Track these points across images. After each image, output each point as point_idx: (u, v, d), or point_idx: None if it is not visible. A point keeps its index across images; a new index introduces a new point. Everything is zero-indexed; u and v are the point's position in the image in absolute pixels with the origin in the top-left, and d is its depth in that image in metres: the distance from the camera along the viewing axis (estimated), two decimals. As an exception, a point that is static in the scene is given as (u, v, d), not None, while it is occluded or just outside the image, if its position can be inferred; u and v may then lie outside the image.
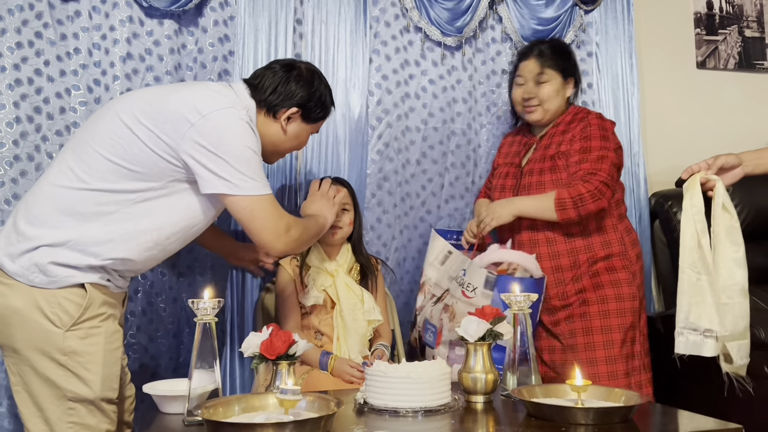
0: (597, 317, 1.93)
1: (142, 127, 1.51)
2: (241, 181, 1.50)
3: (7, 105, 1.88)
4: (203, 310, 1.32)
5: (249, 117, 1.59)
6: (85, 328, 1.48)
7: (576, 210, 1.89)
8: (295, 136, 1.72)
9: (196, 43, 2.09)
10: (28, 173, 1.90)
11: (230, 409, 1.24)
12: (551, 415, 1.28)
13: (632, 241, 2.05)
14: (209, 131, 1.49)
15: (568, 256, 1.97)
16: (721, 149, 2.74)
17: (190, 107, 1.51)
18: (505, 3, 2.40)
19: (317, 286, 1.92)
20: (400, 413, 1.32)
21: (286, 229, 1.56)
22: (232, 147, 1.50)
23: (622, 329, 1.93)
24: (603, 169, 1.92)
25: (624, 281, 1.96)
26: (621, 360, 1.91)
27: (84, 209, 1.49)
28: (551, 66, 2.06)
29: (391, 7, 2.30)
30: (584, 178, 1.91)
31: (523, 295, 1.53)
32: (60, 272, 1.47)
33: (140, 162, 1.50)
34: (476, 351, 1.47)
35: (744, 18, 2.92)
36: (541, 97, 2.05)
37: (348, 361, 1.80)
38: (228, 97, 1.59)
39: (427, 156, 2.34)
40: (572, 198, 1.89)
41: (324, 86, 1.75)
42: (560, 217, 1.91)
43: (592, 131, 1.98)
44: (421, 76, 2.33)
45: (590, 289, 1.95)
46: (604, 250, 1.97)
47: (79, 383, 1.46)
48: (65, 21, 1.96)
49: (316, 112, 1.72)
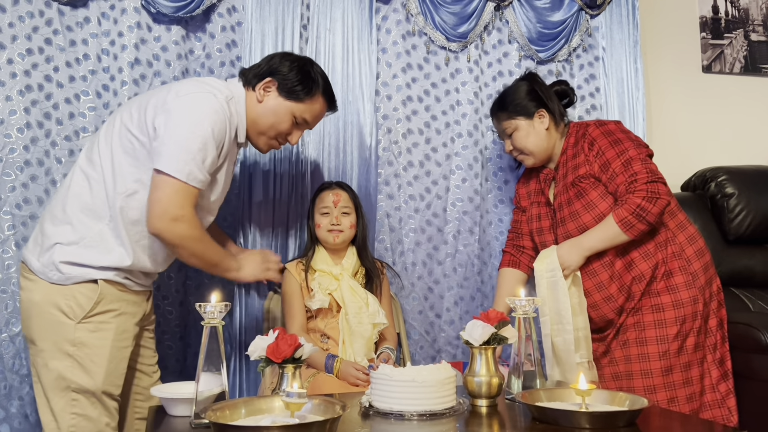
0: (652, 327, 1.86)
1: (134, 120, 1.60)
2: (177, 159, 1.53)
3: (18, 111, 1.91)
4: (210, 314, 1.33)
5: (228, 107, 1.62)
6: (95, 322, 1.58)
7: (643, 221, 1.81)
8: (272, 111, 1.71)
9: (203, 49, 2.11)
10: (38, 178, 1.92)
11: (236, 412, 1.25)
12: (556, 419, 1.28)
13: (687, 237, 1.93)
14: (176, 108, 1.56)
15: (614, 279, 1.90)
16: (726, 153, 2.76)
17: (173, 91, 1.59)
18: (512, 7, 2.41)
19: (322, 290, 1.93)
20: (405, 416, 1.33)
21: (174, 219, 1.55)
22: (185, 127, 1.55)
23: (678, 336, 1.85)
24: (637, 171, 1.83)
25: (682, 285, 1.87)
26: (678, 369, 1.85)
27: (96, 208, 1.59)
28: (508, 117, 2.03)
29: (395, 13, 2.32)
30: (629, 189, 1.83)
31: (526, 299, 1.53)
32: (73, 271, 1.57)
33: (138, 157, 1.58)
34: (481, 355, 1.47)
35: (750, 22, 2.92)
36: (518, 147, 2.04)
37: (353, 364, 1.81)
38: (213, 86, 1.63)
39: (431, 158, 2.34)
40: (632, 213, 1.81)
41: (313, 68, 1.74)
42: (632, 235, 1.83)
43: (600, 144, 1.91)
44: (424, 79, 2.34)
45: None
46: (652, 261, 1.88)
47: (83, 374, 1.55)
48: (74, 27, 1.98)
49: (294, 86, 1.70)
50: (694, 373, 1.85)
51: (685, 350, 1.85)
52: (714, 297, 1.93)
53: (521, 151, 2.04)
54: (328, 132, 2.20)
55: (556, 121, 2.03)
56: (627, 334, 1.89)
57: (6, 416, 1.87)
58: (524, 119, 2.01)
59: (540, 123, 2.01)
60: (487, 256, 2.36)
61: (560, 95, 2.09)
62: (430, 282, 2.31)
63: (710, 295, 1.92)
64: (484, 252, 2.36)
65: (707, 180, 2.55)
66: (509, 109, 2.03)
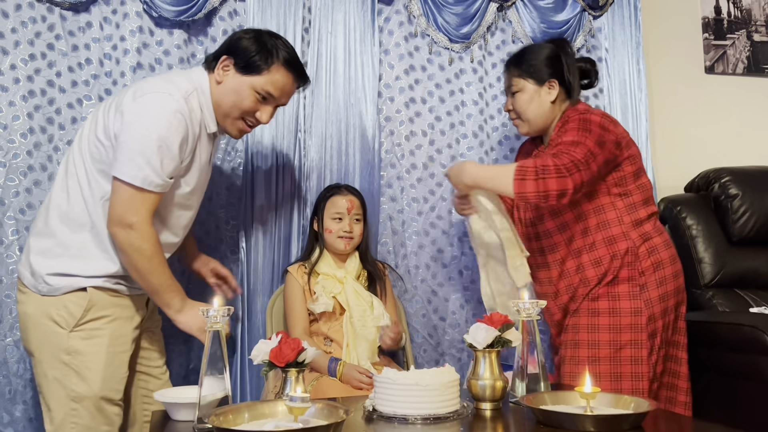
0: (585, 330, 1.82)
1: (99, 125, 1.59)
2: (130, 165, 1.51)
3: (21, 116, 1.91)
4: (213, 318, 1.33)
5: (187, 103, 1.58)
6: (88, 329, 1.57)
7: (536, 183, 1.66)
8: (232, 89, 1.65)
9: (205, 53, 2.11)
10: (41, 183, 1.93)
11: (240, 417, 1.25)
12: (560, 422, 1.28)
13: (648, 249, 1.85)
14: (130, 111, 1.54)
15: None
16: (730, 154, 2.76)
17: (130, 92, 1.58)
18: (515, 7, 2.41)
19: (326, 293, 1.93)
20: (408, 420, 1.33)
21: (127, 225, 1.52)
22: (139, 131, 1.52)
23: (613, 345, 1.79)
24: (577, 152, 1.71)
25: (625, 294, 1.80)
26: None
27: (76, 216, 1.59)
28: (519, 75, 1.92)
29: (398, 15, 2.32)
30: (555, 153, 1.73)
31: (530, 302, 1.53)
32: (61, 282, 1.57)
33: (105, 161, 1.58)
34: (485, 358, 1.47)
35: (752, 22, 2.91)
36: (517, 109, 1.94)
37: (357, 368, 1.81)
38: (173, 82, 1.60)
39: (435, 160, 2.34)
40: (535, 167, 1.68)
41: (271, 39, 1.66)
42: (517, 189, 1.68)
43: (569, 125, 1.81)
44: (428, 80, 2.34)
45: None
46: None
47: (79, 381, 1.55)
48: (77, 32, 1.99)
49: (251, 59, 1.63)
50: (625, 386, 1.76)
51: (618, 361, 1.78)
52: (668, 314, 1.84)
53: (519, 115, 1.94)
54: (330, 134, 2.20)
55: (566, 96, 1.92)
56: (568, 334, 1.87)
57: (11, 420, 1.88)
58: (533, 83, 1.91)
59: (547, 93, 1.91)
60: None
61: (582, 73, 1.97)
62: (434, 285, 2.31)
63: (664, 314, 1.83)
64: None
65: (711, 181, 2.54)
66: (522, 67, 1.92)
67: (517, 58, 1.97)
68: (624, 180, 1.86)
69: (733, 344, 2.02)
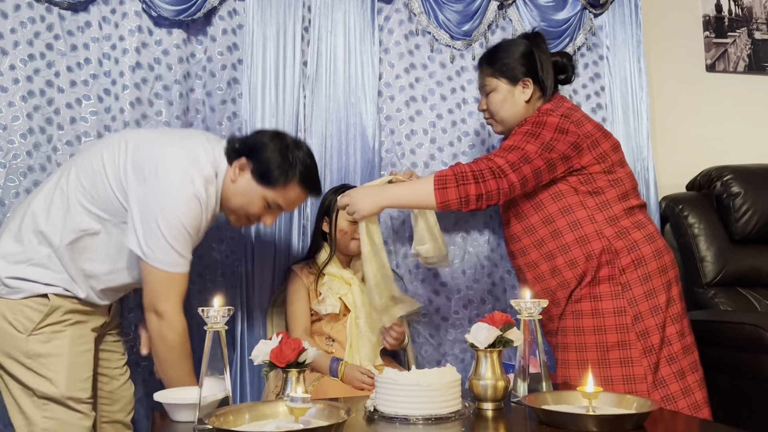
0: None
1: (110, 168, 1.57)
2: (157, 250, 1.52)
3: (20, 116, 1.90)
4: (213, 318, 1.32)
5: (206, 191, 1.57)
6: (47, 332, 1.56)
7: (456, 189, 1.65)
8: (243, 192, 1.64)
9: (204, 52, 2.11)
10: (41, 183, 1.92)
11: (240, 417, 1.25)
12: (563, 422, 1.27)
13: (627, 245, 1.76)
14: (151, 189, 1.53)
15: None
16: (731, 152, 2.75)
17: (153, 162, 1.55)
18: (515, 5, 2.40)
19: (333, 294, 1.92)
20: (410, 421, 1.32)
21: (160, 313, 1.56)
22: (166, 215, 1.52)
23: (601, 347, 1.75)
24: (504, 157, 1.68)
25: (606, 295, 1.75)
26: None
27: (48, 235, 1.56)
28: (492, 74, 1.87)
29: (398, 13, 2.31)
30: (481, 158, 1.70)
31: (532, 302, 1.52)
32: (22, 285, 1.55)
33: (101, 196, 1.56)
34: (486, 358, 1.46)
35: (753, 20, 2.91)
36: (490, 109, 1.89)
37: (358, 368, 1.80)
38: (198, 166, 1.58)
39: (436, 158, 2.33)
40: (454, 174, 1.66)
41: (293, 152, 1.65)
42: (439, 199, 1.66)
43: (520, 129, 1.77)
44: (429, 78, 2.33)
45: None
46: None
47: (45, 382, 1.55)
48: (75, 32, 1.98)
49: (268, 172, 1.63)
50: (617, 390, 1.69)
51: (607, 363, 1.74)
52: (659, 312, 1.75)
53: (492, 115, 1.90)
54: (330, 134, 2.19)
55: (541, 95, 1.86)
56: (557, 337, 1.85)
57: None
58: (506, 83, 1.85)
59: (521, 93, 1.85)
60: (497, 258, 2.34)
61: (558, 68, 1.90)
62: (435, 285, 2.30)
63: (654, 312, 1.75)
64: (494, 253, 2.34)
65: (713, 179, 2.54)
66: (495, 66, 1.87)
67: (489, 56, 1.91)
68: (592, 178, 1.78)
69: (735, 343, 2.02)
